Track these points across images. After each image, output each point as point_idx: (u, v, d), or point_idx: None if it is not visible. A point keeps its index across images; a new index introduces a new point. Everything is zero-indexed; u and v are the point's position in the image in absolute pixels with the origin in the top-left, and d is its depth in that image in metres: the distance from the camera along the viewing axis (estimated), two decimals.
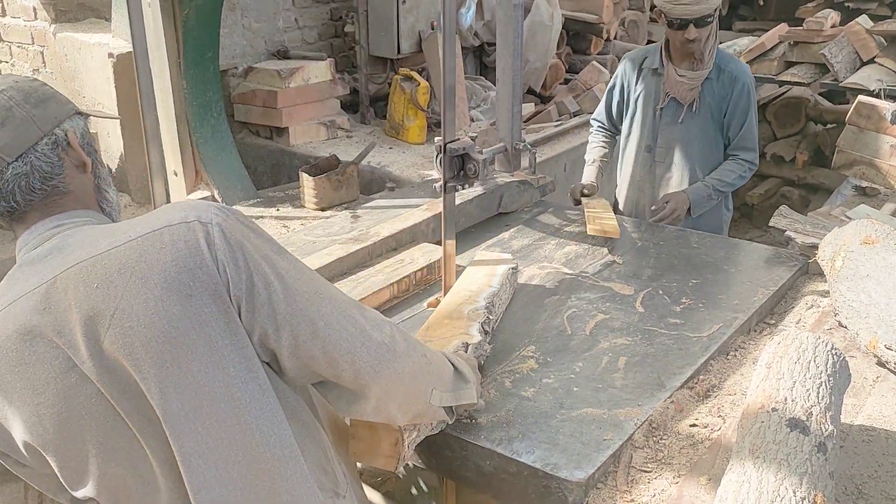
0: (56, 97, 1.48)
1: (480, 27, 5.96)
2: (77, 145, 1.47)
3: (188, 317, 1.29)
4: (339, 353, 1.38)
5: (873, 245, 2.27)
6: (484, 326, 2.08)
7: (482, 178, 2.47)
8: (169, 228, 1.32)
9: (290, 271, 1.39)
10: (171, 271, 1.29)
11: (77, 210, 1.46)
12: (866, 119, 4.07)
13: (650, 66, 3.34)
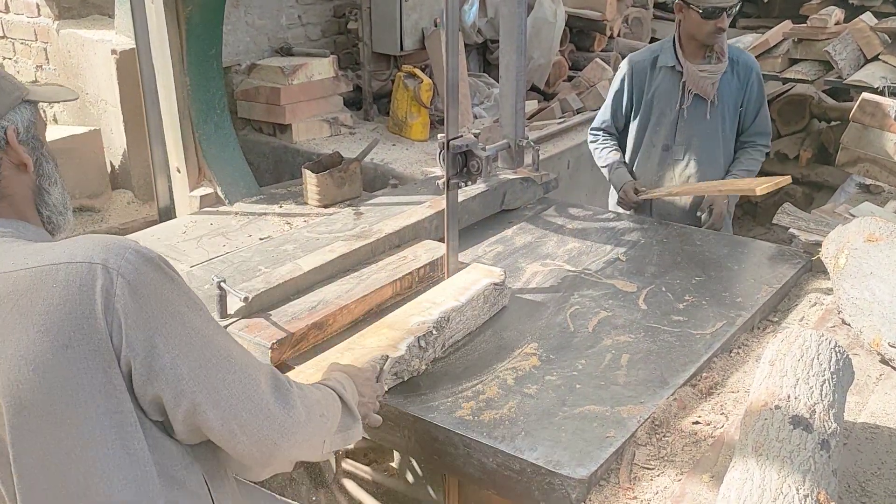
0: (1, 85, 1.35)
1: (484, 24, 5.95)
2: (16, 144, 1.34)
3: (59, 367, 1.17)
4: (238, 424, 1.26)
5: (877, 243, 2.27)
6: (421, 341, 2.03)
7: (485, 175, 2.46)
8: (67, 266, 1.19)
9: (201, 331, 1.26)
10: (54, 315, 1.17)
11: (5, 219, 1.34)
12: (870, 116, 4.06)
13: (666, 63, 3.29)
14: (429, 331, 2.08)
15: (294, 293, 2.43)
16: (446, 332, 2.15)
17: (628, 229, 2.99)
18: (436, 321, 2.11)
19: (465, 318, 2.23)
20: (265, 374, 1.33)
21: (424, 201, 3.04)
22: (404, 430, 1.93)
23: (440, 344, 2.13)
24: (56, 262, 1.20)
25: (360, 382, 1.67)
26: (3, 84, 1.36)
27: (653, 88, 3.33)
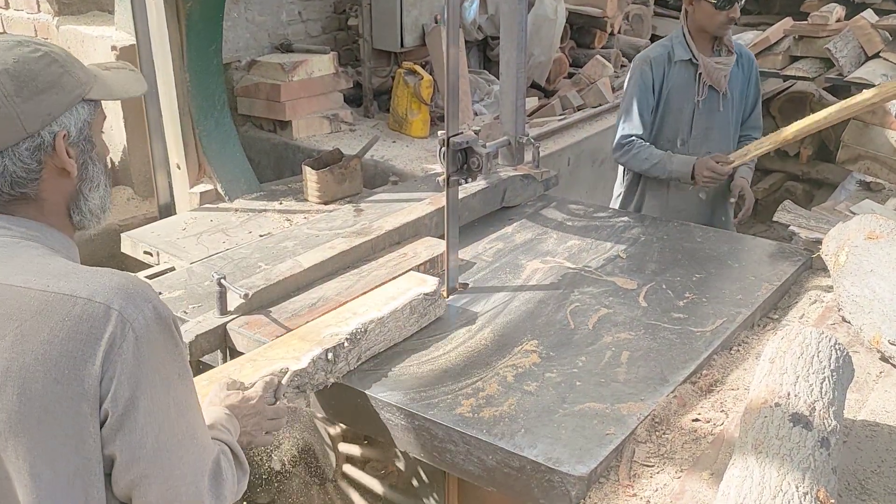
0: (59, 84, 1.29)
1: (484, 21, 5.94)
2: (62, 150, 1.29)
3: (44, 399, 1.16)
4: None
5: (877, 240, 2.27)
6: (330, 353, 1.98)
7: (485, 172, 2.46)
8: (85, 303, 1.17)
9: (180, 403, 1.25)
10: (56, 347, 1.16)
11: (33, 221, 1.30)
12: (871, 114, 4.06)
13: (681, 57, 3.27)
14: (340, 343, 2.02)
15: (294, 290, 2.43)
16: (363, 343, 2.08)
17: (628, 226, 2.99)
18: (350, 333, 2.05)
19: (386, 329, 2.15)
20: (211, 459, 1.31)
21: (425, 198, 3.04)
22: (404, 427, 1.93)
23: (355, 356, 2.06)
24: (74, 295, 1.18)
25: (243, 415, 1.63)
26: (64, 81, 1.30)
27: (669, 83, 3.32)
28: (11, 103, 1.24)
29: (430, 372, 2.06)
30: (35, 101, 1.26)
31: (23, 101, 1.25)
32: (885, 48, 5.32)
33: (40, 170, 1.28)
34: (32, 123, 1.26)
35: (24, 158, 1.26)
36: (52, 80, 1.28)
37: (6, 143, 1.25)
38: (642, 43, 6.84)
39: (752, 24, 7.55)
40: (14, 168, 1.26)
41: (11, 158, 1.25)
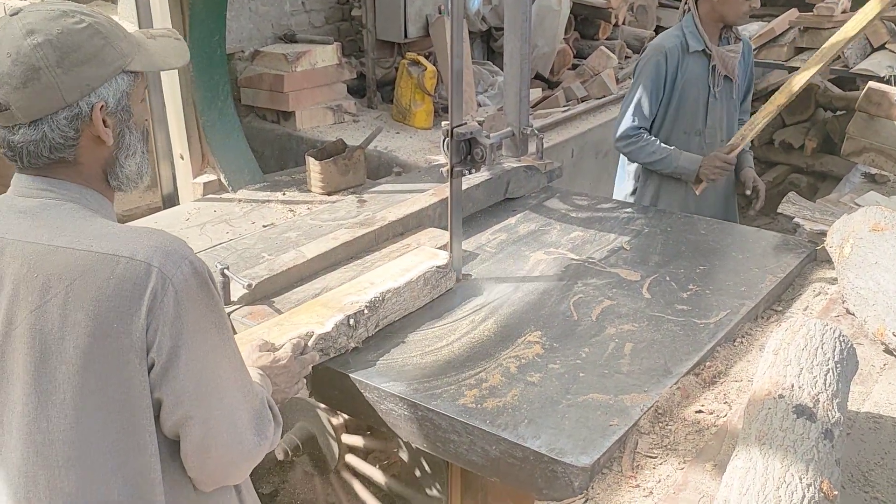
0: (100, 56, 1.31)
1: (488, 12, 5.93)
2: (99, 121, 1.33)
3: (97, 352, 1.26)
4: (215, 443, 1.34)
5: (882, 232, 2.26)
6: (351, 319, 2.07)
7: (489, 163, 2.45)
8: (128, 261, 1.25)
9: (217, 350, 1.34)
10: (104, 303, 1.24)
11: (73, 183, 1.36)
12: (876, 106, 4.04)
13: (696, 48, 3.24)
14: (360, 310, 2.11)
15: (297, 280, 2.43)
16: (380, 311, 2.18)
17: (632, 218, 2.98)
18: (369, 301, 2.15)
19: (402, 298, 2.26)
20: (255, 401, 1.41)
21: (428, 189, 3.04)
22: (407, 417, 1.94)
23: (373, 323, 2.16)
24: (117, 254, 1.26)
25: (274, 374, 1.71)
26: (105, 53, 1.32)
27: (685, 75, 3.29)
28: (53, 74, 1.27)
29: (433, 362, 2.06)
30: (75, 72, 1.29)
31: (63, 72, 1.28)
32: (891, 40, 5.29)
33: (78, 137, 1.33)
34: (71, 94, 1.30)
35: (63, 127, 1.31)
36: (93, 52, 1.31)
37: (46, 111, 1.29)
38: (647, 34, 6.82)
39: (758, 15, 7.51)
40: (52, 135, 1.31)
41: (50, 126, 1.30)
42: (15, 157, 1.34)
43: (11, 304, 1.29)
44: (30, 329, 1.27)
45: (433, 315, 2.29)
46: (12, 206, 1.35)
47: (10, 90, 1.28)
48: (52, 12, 1.30)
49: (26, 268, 1.28)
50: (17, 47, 1.27)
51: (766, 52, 5.79)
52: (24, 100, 1.28)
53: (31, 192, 1.35)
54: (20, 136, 1.31)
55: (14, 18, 1.30)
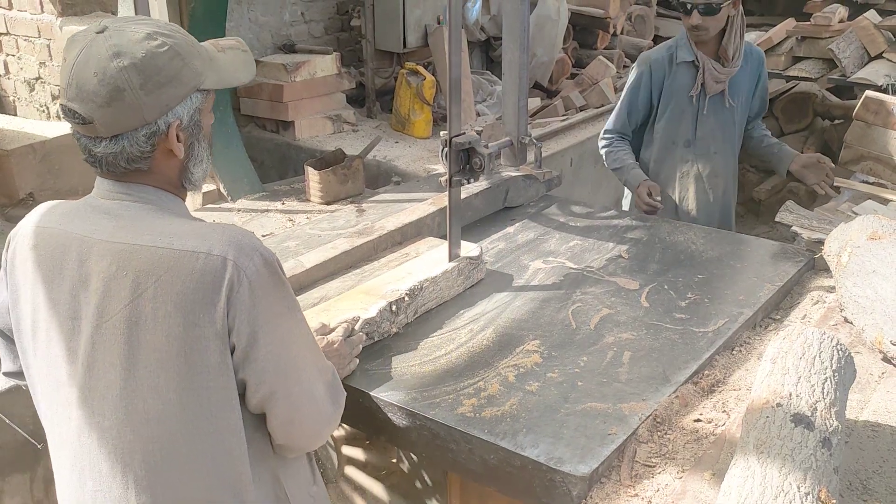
0: (178, 78, 1.41)
1: (487, 21, 5.95)
2: (174, 138, 1.44)
3: (187, 341, 1.38)
4: (299, 415, 1.50)
5: (880, 240, 2.27)
6: (393, 306, 2.20)
7: (488, 172, 2.46)
8: (206, 257, 1.37)
9: (291, 332, 1.47)
10: (189, 296, 1.37)
11: (149, 186, 1.47)
12: (874, 114, 4.05)
13: (684, 59, 3.28)
14: (401, 297, 2.23)
15: (296, 289, 2.43)
16: (419, 299, 2.30)
17: (631, 227, 2.99)
18: (409, 289, 2.26)
19: (438, 287, 2.37)
20: (328, 374, 1.58)
21: (427, 198, 3.04)
22: (406, 427, 1.94)
23: (412, 310, 2.28)
24: (196, 251, 1.37)
25: (329, 355, 1.86)
26: (183, 75, 1.42)
27: (672, 85, 3.33)
28: (136, 95, 1.37)
29: (431, 371, 2.06)
30: (156, 94, 1.39)
31: (146, 93, 1.38)
32: (888, 49, 5.32)
33: (153, 151, 1.44)
34: (151, 113, 1.40)
35: (140, 142, 1.42)
36: (172, 74, 1.40)
37: (127, 128, 1.40)
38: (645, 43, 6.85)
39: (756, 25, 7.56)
40: (131, 149, 1.41)
41: (130, 141, 1.41)
42: (95, 164, 1.45)
43: (103, 299, 1.39)
44: (124, 321, 1.38)
45: (434, 325, 2.30)
46: (96, 207, 1.47)
47: (95, 107, 1.37)
48: (136, 34, 1.39)
49: (115, 266, 1.39)
50: (104, 68, 1.36)
51: None
52: (108, 117, 1.38)
53: (111, 195, 1.46)
54: (102, 148, 1.41)
55: (100, 37, 1.38)
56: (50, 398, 1.50)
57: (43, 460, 2.36)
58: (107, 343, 1.40)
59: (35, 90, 4.98)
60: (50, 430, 1.53)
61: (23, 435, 2.28)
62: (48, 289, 1.45)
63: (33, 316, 1.49)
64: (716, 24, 3.14)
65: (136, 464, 1.43)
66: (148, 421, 1.42)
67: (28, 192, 3.62)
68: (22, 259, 1.49)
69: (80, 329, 1.43)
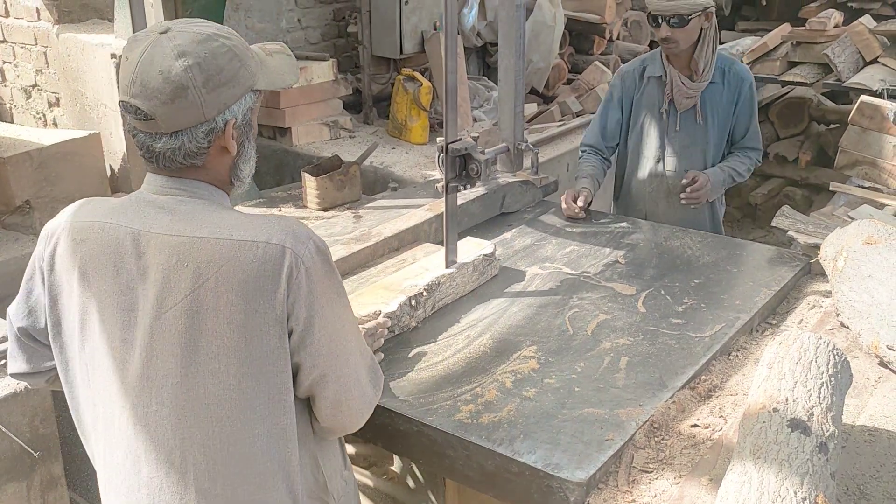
0: (236, 78, 1.48)
1: (483, 27, 5.96)
2: (230, 135, 1.50)
3: (248, 327, 1.43)
4: (346, 398, 1.57)
5: (875, 245, 2.27)
6: (412, 300, 2.28)
7: (484, 178, 2.46)
8: (265, 245, 1.43)
9: (341, 317, 1.55)
10: (250, 284, 1.42)
11: (201, 182, 1.52)
12: (869, 119, 4.06)
13: (652, 73, 3.24)
14: (420, 292, 2.30)
15: None
16: (436, 294, 2.37)
17: (627, 232, 2.99)
18: (427, 284, 2.33)
19: (454, 283, 2.45)
20: (369, 359, 1.65)
21: (424, 204, 3.04)
22: (403, 433, 1.93)
23: (430, 304, 2.35)
24: (255, 240, 1.43)
25: None
26: (240, 75, 1.49)
27: (641, 99, 3.29)
28: (198, 94, 1.43)
29: (428, 378, 2.07)
30: (217, 92, 1.45)
31: (207, 92, 1.44)
32: (884, 53, 5.33)
33: (209, 147, 1.49)
34: (211, 111, 1.46)
35: (199, 139, 1.47)
36: (232, 74, 1.47)
37: (187, 125, 1.45)
38: (641, 49, 6.86)
39: (751, 30, 7.58)
40: (189, 145, 1.47)
41: (189, 137, 1.46)
42: (151, 160, 1.49)
43: (162, 291, 1.43)
44: (185, 311, 1.43)
45: (434, 331, 2.30)
46: (150, 202, 1.50)
47: (158, 104, 1.42)
48: (199, 35, 1.45)
49: (175, 258, 1.43)
50: (169, 67, 1.41)
51: (759, 66, 5.83)
52: (170, 114, 1.43)
53: (165, 191, 1.51)
54: (161, 144, 1.46)
55: (164, 38, 1.44)
56: (100, 389, 1.52)
57: (39, 469, 2.36)
58: (166, 333, 1.45)
59: (32, 97, 4.98)
60: (95, 421, 1.55)
61: (19, 444, 2.27)
62: (102, 282, 1.48)
63: (82, 310, 1.51)
64: (686, 37, 3.06)
65: (195, 449, 1.47)
66: (208, 406, 1.46)
67: (25, 199, 3.61)
68: (65, 255, 1.52)
69: (137, 321, 1.46)
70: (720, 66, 3.19)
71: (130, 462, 1.50)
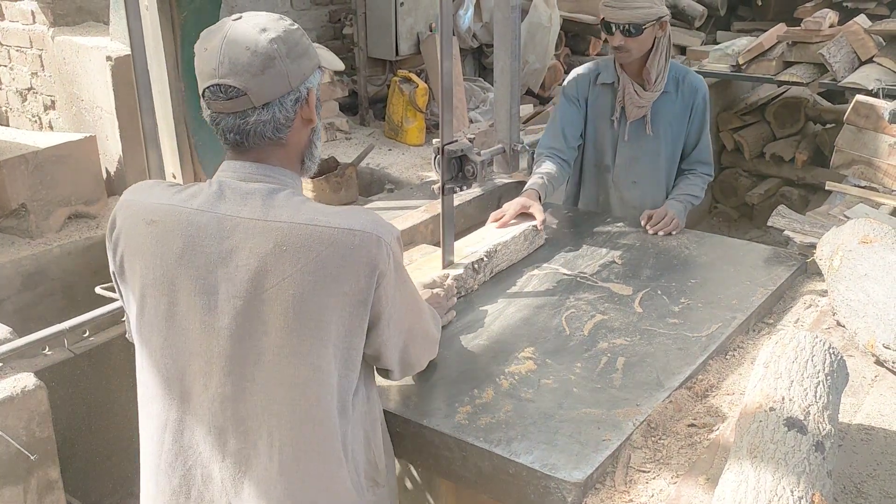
0: (309, 51, 1.59)
1: (479, 29, 5.96)
2: (312, 103, 1.60)
3: (340, 309, 1.53)
4: (422, 356, 1.85)
5: (871, 244, 2.27)
6: (475, 265, 2.51)
7: (480, 179, 2.46)
8: (362, 234, 1.53)
9: (413, 292, 1.72)
10: (348, 268, 1.51)
11: (283, 168, 1.61)
12: (865, 118, 4.07)
13: (605, 80, 3.11)
14: (481, 258, 2.54)
15: None
16: (494, 260, 2.60)
17: (623, 232, 2.99)
18: (486, 251, 2.57)
19: (508, 251, 2.67)
20: (431, 311, 1.92)
21: (420, 206, 3.05)
22: (400, 434, 1.93)
23: (489, 270, 2.59)
24: (352, 228, 1.52)
25: (434, 305, 2.17)
26: (311, 50, 1.61)
27: (593, 105, 3.17)
28: (284, 63, 1.53)
29: (425, 379, 2.06)
30: (297, 62, 1.56)
31: (291, 61, 1.54)
32: (879, 53, 5.34)
33: (293, 118, 1.58)
34: (295, 80, 1.56)
35: (287, 108, 1.56)
36: (305, 47, 1.59)
37: (276, 95, 1.54)
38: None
39: (746, 30, 7.58)
40: (279, 115, 1.55)
41: (279, 107, 1.55)
42: (242, 140, 1.56)
43: (257, 274, 1.50)
44: (281, 294, 1.49)
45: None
46: (236, 189, 1.56)
47: (249, 77, 1.51)
48: (272, 16, 1.58)
49: (272, 243, 1.50)
50: (255, 41, 1.51)
51: (755, 66, 5.84)
52: (261, 85, 1.51)
53: (253, 178, 1.57)
54: (254, 119, 1.54)
55: (240, 22, 1.55)
56: (170, 368, 1.58)
57: (36, 472, 2.36)
58: (261, 316, 1.51)
59: (27, 100, 4.97)
60: (170, 397, 1.59)
61: (16, 447, 2.27)
62: (169, 263, 1.54)
63: (142, 290, 1.57)
64: (639, 46, 2.94)
65: (282, 424, 1.54)
66: (295, 385, 1.53)
67: (20, 202, 3.60)
68: (133, 234, 1.58)
69: (218, 304, 1.52)
70: (674, 76, 3.08)
71: (214, 436, 1.56)
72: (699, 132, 3.17)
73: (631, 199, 3.23)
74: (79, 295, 3.52)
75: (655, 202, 3.14)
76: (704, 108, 3.14)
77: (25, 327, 2.74)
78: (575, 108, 3.18)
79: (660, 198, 3.18)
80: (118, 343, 2.72)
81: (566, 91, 3.20)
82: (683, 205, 3.10)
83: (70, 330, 2.62)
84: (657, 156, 3.16)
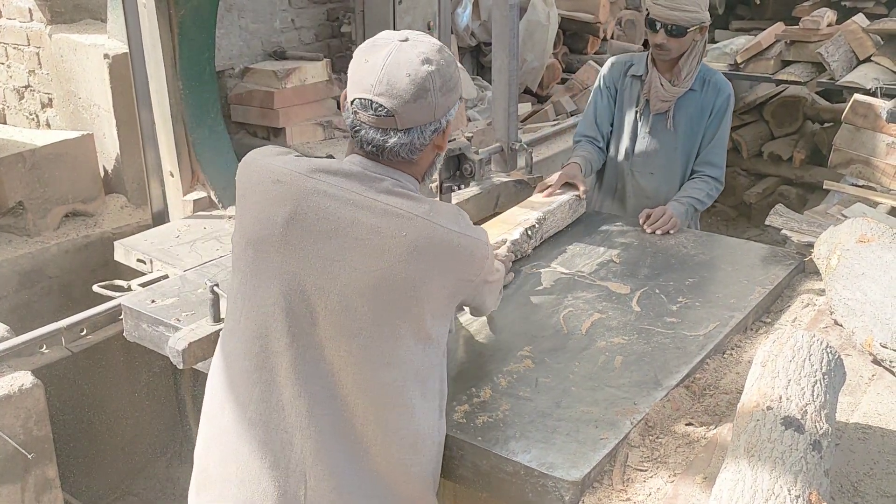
0: (457, 86, 1.69)
1: (477, 27, 5.96)
2: (447, 135, 1.72)
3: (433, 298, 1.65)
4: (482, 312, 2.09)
5: (868, 243, 2.28)
6: (528, 231, 2.70)
7: (478, 178, 2.47)
8: (469, 238, 1.70)
9: (498, 281, 1.99)
10: (451, 264, 1.67)
11: (414, 179, 1.73)
12: (863, 118, 4.07)
13: (635, 72, 3.20)
14: (533, 224, 2.73)
15: None
16: (544, 226, 2.79)
17: (622, 231, 2.99)
18: (538, 217, 2.76)
19: (556, 218, 2.87)
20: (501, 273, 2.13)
21: None
22: None
23: (539, 236, 2.77)
24: (463, 233, 1.69)
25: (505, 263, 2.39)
26: (458, 83, 1.70)
27: (622, 94, 3.25)
28: (435, 96, 1.63)
29: None
30: (446, 96, 1.67)
31: (441, 95, 1.65)
32: (877, 52, 5.34)
33: (427, 144, 1.69)
34: (440, 112, 1.67)
35: (426, 136, 1.67)
36: (455, 83, 1.69)
37: (419, 123, 1.65)
38: (635, 48, 6.87)
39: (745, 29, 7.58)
40: (417, 141, 1.67)
41: (418, 134, 1.66)
42: (377, 154, 1.67)
43: (373, 250, 1.61)
44: (392, 274, 1.61)
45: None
46: (360, 175, 1.66)
47: (401, 102, 1.61)
48: (434, 45, 1.66)
49: (394, 226, 1.62)
50: (416, 70, 1.61)
51: (753, 65, 5.84)
52: (410, 112, 1.62)
53: (382, 175, 1.68)
54: (395, 140, 1.64)
55: (406, 45, 1.64)
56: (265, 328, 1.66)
57: (33, 471, 2.35)
58: (370, 289, 1.61)
59: (24, 98, 4.96)
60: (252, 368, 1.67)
61: (13, 445, 2.27)
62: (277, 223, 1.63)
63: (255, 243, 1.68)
64: (679, 47, 3.03)
65: (367, 401, 1.64)
66: (388, 365, 1.64)
67: (18, 200, 3.59)
68: (254, 188, 1.69)
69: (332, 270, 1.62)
70: (702, 75, 3.14)
71: (304, 400, 1.63)
72: (715, 132, 3.19)
73: (647, 189, 3.29)
74: (76, 293, 3.52)
75: (669, 194, 3.20)
76: (725, 110, 3.17)
77: (23, 326, 2.74)
78: (607, 96, 3.29)
79: (674, 190, 3.24)
80: (116, 342, 2.72)
81: (601, 78, 3.31)
82: (685, 207, 3.10)
83: (67, 328, 2.62)
84: (674, 150, 3.22)
